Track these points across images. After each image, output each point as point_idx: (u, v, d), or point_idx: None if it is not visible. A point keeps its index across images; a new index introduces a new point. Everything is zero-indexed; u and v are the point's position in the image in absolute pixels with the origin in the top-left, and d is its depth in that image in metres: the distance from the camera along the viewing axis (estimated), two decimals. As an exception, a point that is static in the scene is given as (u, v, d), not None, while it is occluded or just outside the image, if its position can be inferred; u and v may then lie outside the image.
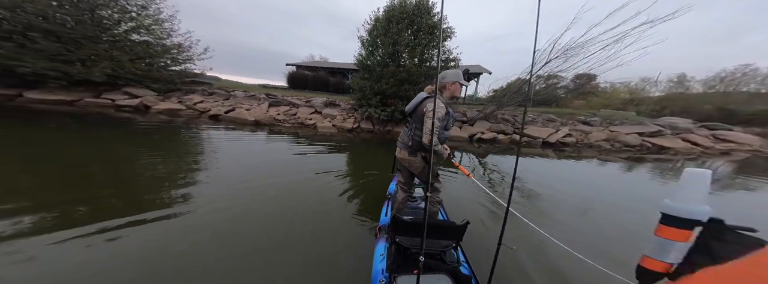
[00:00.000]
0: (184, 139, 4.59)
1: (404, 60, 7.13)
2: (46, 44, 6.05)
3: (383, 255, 1.20)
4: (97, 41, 6.83)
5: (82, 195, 2.00)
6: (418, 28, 6.86)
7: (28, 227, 1.53)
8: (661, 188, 3.91)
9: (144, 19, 7.78)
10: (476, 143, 7.48)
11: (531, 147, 7.54)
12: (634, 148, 7.81)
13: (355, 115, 8.14)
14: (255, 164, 3.20)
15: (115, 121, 5.50)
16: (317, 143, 5.12)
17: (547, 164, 5.40)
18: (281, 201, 2.18)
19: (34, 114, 5.17)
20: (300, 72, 14.51)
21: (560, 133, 8.08)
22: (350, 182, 2.87)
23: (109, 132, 4.42)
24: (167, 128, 5.33)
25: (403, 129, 1.54)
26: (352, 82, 7.84)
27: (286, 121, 7.44)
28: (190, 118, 6.92)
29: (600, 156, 6.59)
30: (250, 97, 8.76)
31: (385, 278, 1.04)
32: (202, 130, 5.57)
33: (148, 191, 2.25)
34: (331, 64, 16.92)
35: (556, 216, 2.38)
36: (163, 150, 3.63)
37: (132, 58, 7.29)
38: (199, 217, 1.82)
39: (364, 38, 7.42)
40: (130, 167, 2.83)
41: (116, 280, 1.22)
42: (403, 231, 1.17)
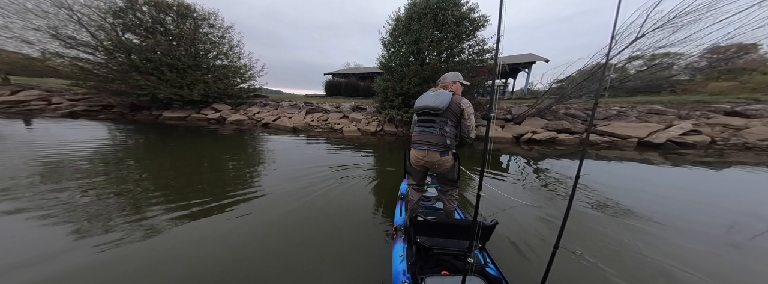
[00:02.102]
0: (244, 144, 5.78)
1: (429, 57, 6.78)
2: (171, 76, 8.99)
3: (402, 256, 1.19)
4: (195, 69, 9.60)
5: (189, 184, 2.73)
6: (443, 22, 6.45)
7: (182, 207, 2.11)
8: None
9: (223, 47, 10.51)
10: (525, 144, 6.11)
11: (618, 150, 5.47)
12: None
13: (378, 118, 8.25)
14: (288, 168, 3.50)
15: (208, 130, 7.66)
16: (342, 147, 5.41)
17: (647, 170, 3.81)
18: (297, 208, 2.24)
19: (167, 127, 7.88)
20: (335, 80, 16.23)
21: (675, 129, 5.52)
22: (366, 183, 2.94)
23: (203, 138, 6.19)
24: (236, 136, 6.92)
25: (420, 130, 1.46)
26: (376, 85, 8.06)
27: (318, 126, 8.33)
28: (250, 127, 8.81)
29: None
30: (292, 106, 10.41)
31: (408, 279, 1.02)
32: (254, 137, 6.90)
33: (224, 182, 2.87)
34: (361, 70, 18.20)
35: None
36: (234, 151, 4.74)
37: (215, 79, 10.10)
38: (226, 224, 1.93)
39: (385, 40, 7.59)
40: (214, 164, 3.74)
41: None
42: (425, 232, 1.16)
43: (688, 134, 5.36)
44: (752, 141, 4.98)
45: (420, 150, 1.44)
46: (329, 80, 16.38)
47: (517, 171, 3.66)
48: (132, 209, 2.04)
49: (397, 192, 2.25)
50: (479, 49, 6.64)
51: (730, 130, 5.40)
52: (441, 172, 1.47)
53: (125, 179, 2.74)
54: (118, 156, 3.83)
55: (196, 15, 9.72)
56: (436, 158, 1.40)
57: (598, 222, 2.04)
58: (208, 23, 10.11)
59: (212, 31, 10.29)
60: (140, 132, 6.51)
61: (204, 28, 10.10)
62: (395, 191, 2.42)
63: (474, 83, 6.66)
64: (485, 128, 0.77)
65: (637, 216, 2.12)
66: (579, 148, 5.57)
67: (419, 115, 1.47)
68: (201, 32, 9.95)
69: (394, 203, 2.10)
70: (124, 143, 4.86)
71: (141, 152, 4.20)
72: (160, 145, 5.02)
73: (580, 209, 2.29)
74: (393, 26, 7.27)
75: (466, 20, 6.41)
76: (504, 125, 7.10)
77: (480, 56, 6.65)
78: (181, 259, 1.45)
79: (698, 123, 5.73)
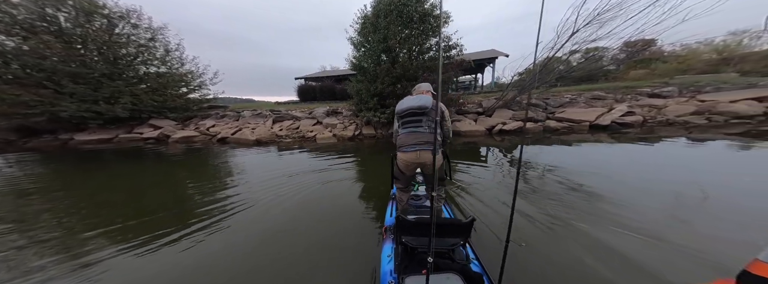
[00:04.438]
0: (194, 165, 4.93)
1: (401, 55, 6.63)
2: (76, 88, 6.95)
3: (390, 256, 1.23)
4: (115, 78, 7.65)
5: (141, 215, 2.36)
6: (409, 18, 6.35)
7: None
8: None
9: (155, 51, 8.71)
10: (497, 135, 6.38)
11: (575, 133, 6.13)
12: (751, 119, 5.68)
13: (355, 121, 7.83)
14: (261, 181, 3.30)
15: (147, 152, 6.27)
16: (317, 156, 5.01)
17: (600, 150, 4.36)
18: (287, 213, 2.29)
19: (84, 154, 6.24)
20: (308, 85, 15.22)
21: (616, 112, 6.38)
22: (352, 187, 2.95)
23: (143, 162, 5.01)
24: (183, 156, 5.85)
25: (407, 131, 1.48)
26: (349, 86, 7.64)
27: (288, 136, 7.54)
28: (203, 143, 7.55)
29: (690, 135, 4.95)
30: (256, 115, 9.32)
31: (394, 279, 1.06)
32: (207, 155, 5.96)
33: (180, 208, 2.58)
34: (336, 72, 17.44)
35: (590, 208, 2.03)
36: (185, 174, 4.09)
37: (147, 90, 8.36)
38: (213, 234, 1.97)
39: (354, 39, 7.23)
40: (146, 197, 3.09)
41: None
42: (409, 231, 1.19)
43: (626, 115, 6.26)
44: (671, 117, 6.06)
45: (411, 152, 1.42)
46: (302, 84, 15.23)
47: (494, 163, 3.82)
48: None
49: (385, 193, 2.30)
50: (445, 45, 6.71)
51: (654, 109, 6.47)
52: (431, 172, 1.46)
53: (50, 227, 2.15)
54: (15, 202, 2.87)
55: (108, 12, 7.78)
56: (428, 158, 1.39)
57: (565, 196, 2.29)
58: (128, 22, 8.23)
59: (137, 33, 8.45)
60: (41, 163, 5.08)
61: (123, 28, 8.21)
62: (383, 194, 2.47)
63: (445, 78, 6.73)
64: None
65: (596, 194, 2.34)
66: (547, 135, 6.04)
67: (403, 117, 1.49)
68: (120, 33, 8.06)
69: (384, 205, 2.13)
70: (13, 181, 3.70)
71: (43, 193, 3.19)
72: (79, 177, 3.99)
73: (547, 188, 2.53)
74: (361, 24, 6.96)
75: (430, 17, 6.41)
76: (476, 119, 7.36)
77: (447, 52, 6.73)
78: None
79: (631, 105, 6.73)
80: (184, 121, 9.17)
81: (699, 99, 6.62)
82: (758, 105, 5.78)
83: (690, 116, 6.00)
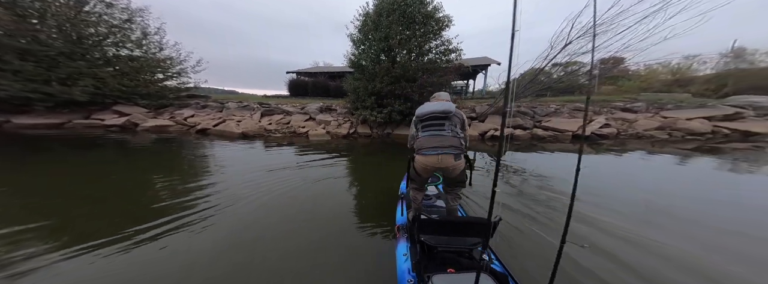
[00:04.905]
0: (174, 155, 4.49)
1: (400, 55, 6.57)
2: (20, 64, 5.96)
3: (406, 255, 1.22)
4: (77, 58, 6.76)
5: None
6: (412, 19, 6.32)
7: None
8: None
9: (131, 33, 7.85)
10: (489, 141, 6.60)
11: (559, 142, 6.52)
12: (702, 136, 6.46)
13: (350, 119, 7.62)
14: (253, 179, 3.06)
15: (108, 141, 5.49)
16: (312, 152, 4.83)
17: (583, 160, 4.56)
18: (285, 212, 2.21)
19: (25, 140, 5.30)
20: (300, 79, 14.60)
21: (595, 123, 6.88)
22: (354, 188, 2.91)
23: (102, 152, 4.40)
24: (157, 145, 5.28)
25: (429, 134, 1.45)
26: (345, 84, 7.42)
27: (277, 130, 7.12)
28: (179, 133, 6.85)
29: (654, 149, 5.50)
30: (243, 108, 8.70)
31: (413, 277, 1.04)
32: (187, 146, 5.43)
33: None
34: (331, 69, 16.98)
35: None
36: (162, 165, 3.71)
37: (115, 74, 7.43)
38: (210, 231, 1.85)
39: (354, 36, 7.04)
40: (98, 189, 2.73)
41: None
42: (428, 230, 1.17)
43: (603, 127, 6.82)
44: (640, 131, 6.72)
45: (432, 156, 1.39)
46: (293, 79, 14.49)
47: (485, 168, 3.96)
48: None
49: (388, 192, 2.32)
50: (445, 48, 6.80)
51: (626, 123, 7.14)
52: (451, 176, 1.46)
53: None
54: None
55: (78, -12, 6.88)
56: (450, 162, 1.38)
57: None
58: (101, 1, 7.27)
59: (111, 12, 7.51)
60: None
61: (95, 6, 7.24)
62: (389, 192, 2.47)
63: (443, 82, 6.81)
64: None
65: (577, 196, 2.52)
66: (534, 143, 6.35)
67: (425, 120, 1.47)
68: (90, 11, 7.07)
69: (389, 204, 2.13)
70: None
71: None
72: (9, 168, 3.39)
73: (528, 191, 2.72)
74: (362, 22, 6.84)
75: (432, 19, 6.45)
76: (470, 124, 7.54)
77: (446, 56, 6.82)
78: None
79: (608, 118, 7.35)
80: (158, 109, 8.26)
81: (662, 115, 7.45)
82: (708, 124, 6.64)
83: (655, 130, 6.71)
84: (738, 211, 2.23)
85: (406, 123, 7.08)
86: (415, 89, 6.36)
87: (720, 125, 6.61)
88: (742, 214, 2.18)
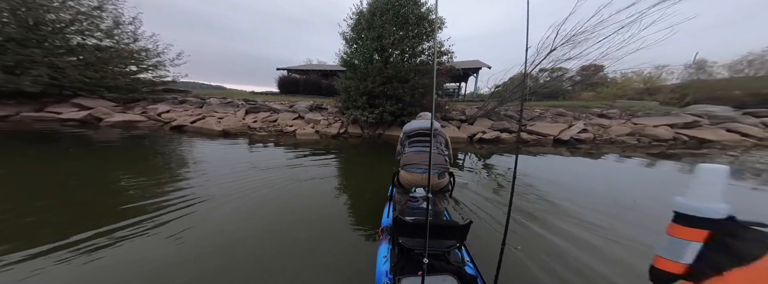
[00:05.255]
0: (146, 153, 4.10)
1: (394, 56, 6.50)
2: None
3: (386, 257, 1.22)
4: (27, 45, 6.02)
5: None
6: (405, 20, 6.24)
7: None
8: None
9: (100, 22, 7.19)
10: (477, 144, 6.78)
11: (541, 146, 6.83)
12: (666, 142, 7.03)
13: (341, 119, 7.47)
14: (236, 178, 2.96)
15: (61, 137, 4.94)
16: (302, 152, 4.68)
17: (560, 162, 5.00)
18: (271, 212, 2.17)
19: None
20: (290, 76, 14.09)
21: (574, 128, 7.29)
22: (344, 188, 2.89)
23: (43, 150, 3.91)
24: (119, 144, 4.81)
25: (416, 149, 1.49)
26: (337, 83, 7.24)
27: (263, 128, 6.81)
28: (151, 130, 6.35)
29: (624, 153, 5.90)
30: (226, 104, 8.22)
31: (389, 280, 1.06)
32: (161, 143, 5.02)
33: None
34: (324, 67, 16.51)
35: (566, 216, 2.27)
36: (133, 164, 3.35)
37: (77, 64, 6.72)
38: (192, 232, 1.79)
39: (346, 34, 6.85)
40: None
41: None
42: (406, 232, 1.18)
43: (582, 132, 7.23)
44: (613, 137, 7.21)
45: (417, 174, 1.41)
46: (284, 75, 13.90)
47: (473, 170, 4.09)
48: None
49: (378, 192, 2.34)
50: (437, 51, 6.80)
51: (602, 128, 7.62)
52: (435, 189, 1.49)
53: None
54: None
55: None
56: (434, 180, 1.40)
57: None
58: None
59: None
60: None
61: None
62: (379, 192, 2.49)
63: (432, 83, 6.81)
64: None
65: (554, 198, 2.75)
66: (520, 146, 6.60)
67: (412, 137, 1.53)
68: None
69: (379, 205, 2.13)
70: None
71: None
72: None
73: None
74: (355, 21, 6.68)
75: (425, 21, 6.42)
76: (460, 126, 7.69)
77: (439, 58, 6.84)
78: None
79: (586, 123, 7.80)
80: (128, 103, 7.57)
81: (633, 122, 8.04)
82: (671, 131, 7.27)
83: (626, 136, 7.23)
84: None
85: (398, 124, 7.07)
86: (407, 89, 6.34)
87: (681, 132, 7.25)
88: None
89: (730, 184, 3.52)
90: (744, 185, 3.54)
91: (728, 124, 7.66)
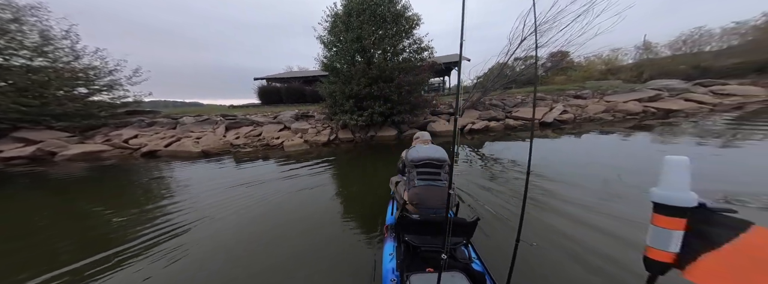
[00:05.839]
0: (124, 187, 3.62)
1: (377, 56, 6.43)
2: None
3: (392, 254, 1.23)
4: None
5: None
6: (383, 18, 6.20)
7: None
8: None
9: (24, 37, 6.05)
10: (468, 135, 6.91)
11: (528, 130, 7.03)
12: (637, 116, 7.61)
13: (330, 125, 7.22)
14: (227, 197, 2.87)
15: (8, 179, 4.20)
16: (293, 163, 4.45)
17: (550, 144, 5.22)
18: (271, 225, 2.16)
19: None
20: (271, 86, 13.51)
21: (555, 111, 7.68)
22: (344, 193, 2.89)
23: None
24: (85, 180, 4.25)
25: (424, 184, 1.36)
26: (320, 88, 7.00)
27: (247, 144, 6.38)
28: (120, 159, 5.69)
29: (604, 128, 6.33)
30: (202, 122, 7.62)
31: (396, 277, 1.07)
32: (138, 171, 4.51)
33: None
34: (306, 73, 16.01)
35: (573, 201, 2.27)
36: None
37: (8, 90, 5.72)
38: (197, 243, 1.87)
39: (324, 38, 6.67)
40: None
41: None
42: (412, 230, 1.18)
43: (563, 113, 7.62)
44: (591, 115, 7.70)
45: (423, 214, 1.30)
46: (263, 85, 13.26)
47: (468, 161, 4.17)
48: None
49: (377, 194, 2.36)
50: (417, 47, 6.84)
51: (580, 108, 8.10)
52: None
53: None
54: None
55: None
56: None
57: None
58: None
59: None
60: None
61: None
62: (378, 194, 2.50)
63: (418, 80, 6.84)
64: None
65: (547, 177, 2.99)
66: (508, 133, 6.84)
67: (420, 167, 1.39)
68: None
69: (380, 206, 2.12)
70: None
71: None
72: None
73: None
74: (331, 23, 6.50)
75: (402, 18, 6.44)
76: (449, 119, 7.76)
77: (419, 54, 6.88)
78: None
79: (565, 105, 8.25)
80: (86, 131, 6.71)
81: (605, 100, 8.65)
82: (639, 105, 7.91)
83: (602, 113, 7.75)
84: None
85: (389, 124, 6.97)
86: (394, 88, 6.28)
87: (648, 105, 7.92)
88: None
89: (699, 143, 3.98)
90: (712, 143, 3.91)
91: (685, 94, 8.52)
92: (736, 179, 2.44)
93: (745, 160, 3.12)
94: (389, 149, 5.75)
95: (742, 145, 3.77)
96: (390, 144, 6.36)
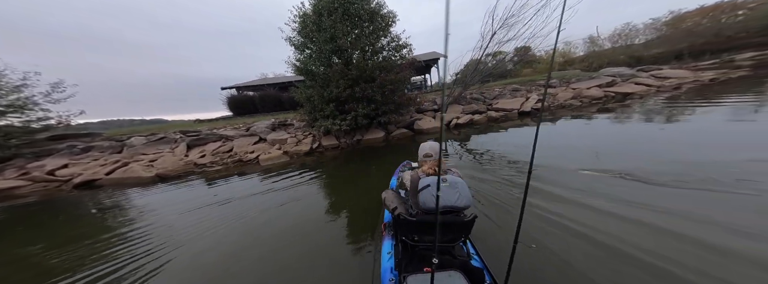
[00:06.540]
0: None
1: (355, 56, 6.09)
2: None
3: (390, 253, 1.23)
4: None
5: None
6: (358, 17, 5.91)
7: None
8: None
9: None
10: (454, 130, 6.93)
11: (510, 120, 7.37)
12: (600, 100, 8.33)
13: (311, 132, 6.66)
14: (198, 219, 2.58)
15: None
16: (272, 178, 3.91)
17: (529, 131, 5.51)
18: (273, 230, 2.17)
19: None
20: (243, 95, 12.34)
21: (532, 100, 8.09)
22: (334, 200, 2.84)
23: None
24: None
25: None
26: (296, 94, 6.45)
27: (215, 163, 5.57)
28: (43, 194, 4.53)
29: (575, 113, 6.79)
30: (157, 141, 6.52)
31: (395, 276, 1.08)
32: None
33: None
34: (281, 79, 14.96)
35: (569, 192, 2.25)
36: None
37: None
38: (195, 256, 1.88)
39: (294, 39, 6.16)
40: None
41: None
42: (409, 229, 1.16)
43: (538, 102, 8.01)
44: (563, 101, 8.25)
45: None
46: (233, 95, 12.04)
47: (457, 155, 4.17)
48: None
49: (368, 198, 2.36)
50: (396, 45, 6.68)
51: (551, 96, 8.65)
52: None
53: None
54: None
55: None
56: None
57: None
58: None
59: None
60: None
61: None
62: (369, 198, 2.49)
63: (400, 78, 6.66)
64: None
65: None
66: (491, 124, 6.98)
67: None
68: None
69: (373, 211, 2.11)
70: None
71: None
72: None
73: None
74: (300, 23, 6.04)
75: (378, 16, 6.22)
76: (434, 116, 7.71)
77: (399, 51, 6.72)
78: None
79: (539, 94, 8.72)
80: (-7, 166, 5.27)
81: (572, 87, 9.37)
82: (600, 90, 8.71)
83: (571, 100, 8.34)
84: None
85: (375, 125, 6.65)
86: (376, 88, 5.99)
87: (608, 90, 8.76)
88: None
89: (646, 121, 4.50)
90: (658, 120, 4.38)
91: (634, 79, 9.63)
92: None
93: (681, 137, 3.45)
94: (378, 152, 5.45)
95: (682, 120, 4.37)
96: (379, 146, 6.05)
